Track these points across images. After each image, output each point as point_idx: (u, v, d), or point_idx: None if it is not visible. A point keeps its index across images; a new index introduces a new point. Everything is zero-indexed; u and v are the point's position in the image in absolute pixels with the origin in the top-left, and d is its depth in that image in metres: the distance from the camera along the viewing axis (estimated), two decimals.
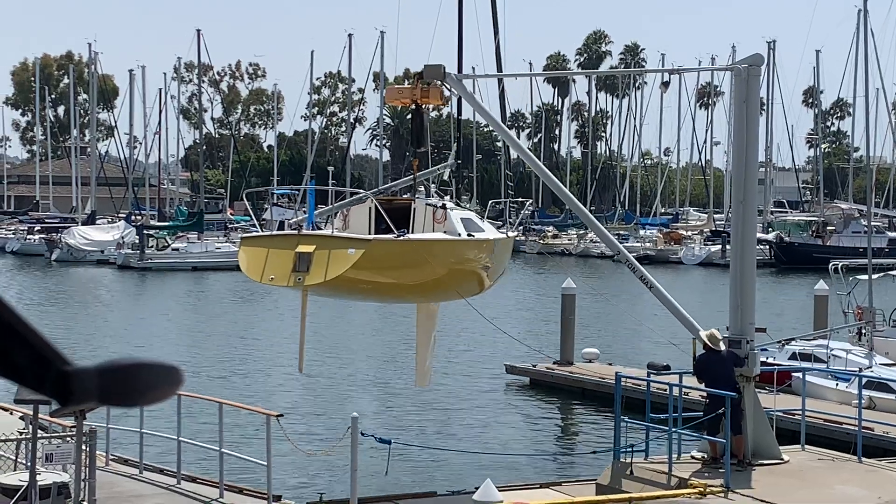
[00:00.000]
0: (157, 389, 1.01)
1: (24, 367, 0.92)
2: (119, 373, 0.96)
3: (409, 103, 19.44)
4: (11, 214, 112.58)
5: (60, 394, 0.94)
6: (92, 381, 0.94)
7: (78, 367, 0.95)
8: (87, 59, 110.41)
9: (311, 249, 16.66)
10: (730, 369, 18.26)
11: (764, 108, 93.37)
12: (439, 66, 19.30)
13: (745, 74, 18.96)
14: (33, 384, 0.94)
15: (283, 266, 16.77)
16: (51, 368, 0.93)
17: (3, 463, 15.49)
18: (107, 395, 0.96)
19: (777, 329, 33.54)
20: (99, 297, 61.88)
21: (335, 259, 16.70)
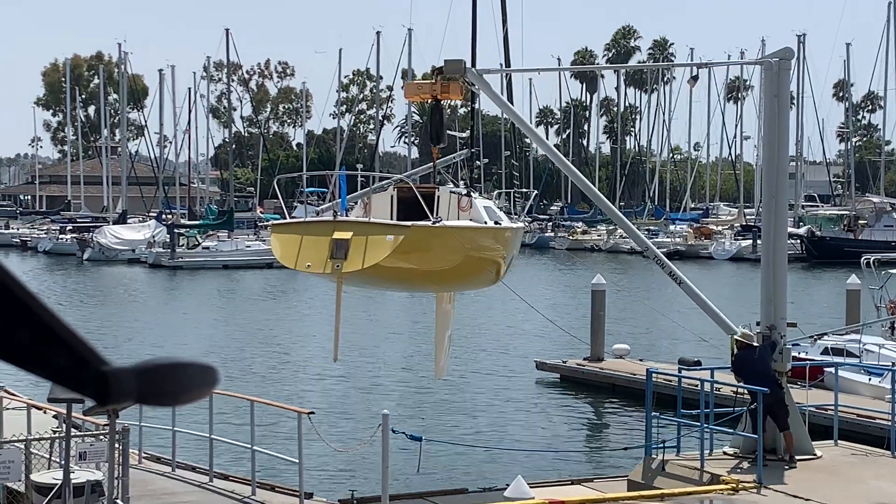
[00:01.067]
0: (194, 389, 1.02)
1: (65, 369, 0.94)
2: (156, 373, 0.98)
3: (430, 99, 19.25)
4: (43, 214, 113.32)
5: (99, 394, 0.95)
6: (130, 381, 0.95)
7: (116, 368, 0.96)
8: (117, 59, 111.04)
9: (348, 236, 16.37)
10: (768, 365, 18.20)
11: (794, 101, 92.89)
12: (460, 61, 19.13)
13: (776, 68, 18.87)
14: (73, 385, 0.95)
15: (318, 253, 16.47)
16: (89, 369, 0.94)
17: (38, 461, 15.59)
18: (144, 395, 0.97)
19: (809, 324, 33.35)
20: (131, 296, 62.19)
21: (373, 246, 16.42)
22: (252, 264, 79.03)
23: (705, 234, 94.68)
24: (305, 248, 16.70)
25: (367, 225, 16.92)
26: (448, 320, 21.70)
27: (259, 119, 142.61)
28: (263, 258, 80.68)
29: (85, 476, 13.83)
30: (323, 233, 16.59)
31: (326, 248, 16.36)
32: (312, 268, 16.63)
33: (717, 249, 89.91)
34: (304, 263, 16.70)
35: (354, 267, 16.29)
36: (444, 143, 20.09)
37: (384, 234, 16.66)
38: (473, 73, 19.16)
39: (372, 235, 16.55)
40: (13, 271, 0.99)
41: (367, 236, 16.48)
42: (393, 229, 16.82)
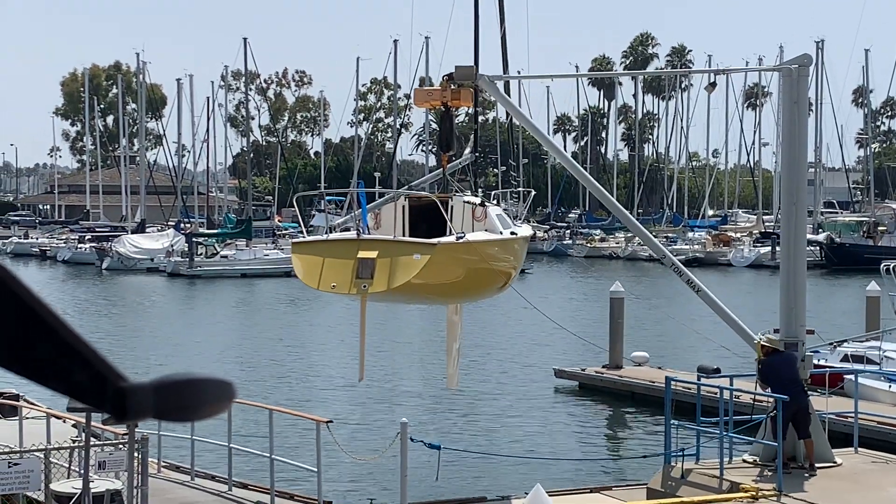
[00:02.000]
0: (211, 404, 1.03)
1: (83, 385, 0.95)
2: (174, 388, 0.98)
3: (439, 105, 18.82)
4: (62, 224, 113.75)
5: (117, 410, 0.96)
6: (148, 397, 0.96)
7: (134, 384, 0.97)
8: (135, 69, 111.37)
9: (373, 255, 15.96)
10: (797, 371, 18.14)
11: (813, 108, 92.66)
12: (471, 67, 18.83)
13: (796, 75, 18.82)
14: (92, 401, 0.95)
15: (343, 273, 16.06)
16: (107, 385, 0.95)
17: (57, 471, 15.64)
18: (162, 411, 0.98)
19: (828, 331, 33.25)
20: (149, 305, 62.38)
21: (400, 266, 16.01)
22: (270, 273, 79.15)
23: (724, 241, 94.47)
24: (329, 268, 16.25)
25: (393, 244, 16.48)
26: (456, 332, 21.57)
27: (277, 128, 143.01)
28: (281, 267, 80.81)
29: (104, 485, 13.87)
30: (346, 253, 16.16)
31: (351, 269, 15.97)
32: (338, 288, 16.16)
33: (736, 256, 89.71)
34: (328, 284, 16.24)
35: (381, 287, 15.90)
36: (454, 150, 19.84)
37: (410, 253, 16.20)
38: (485, 79, 18.83)
39: (399, 255, 16.11)
40: (31, 287, 1.00)
41: (394, 256, 16.05)
42: (420, 248, 16.35)
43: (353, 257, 16.05)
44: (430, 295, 18.40)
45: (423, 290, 17.14)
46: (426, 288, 17.05)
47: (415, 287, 16.47)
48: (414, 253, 16.21)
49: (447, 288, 17.79)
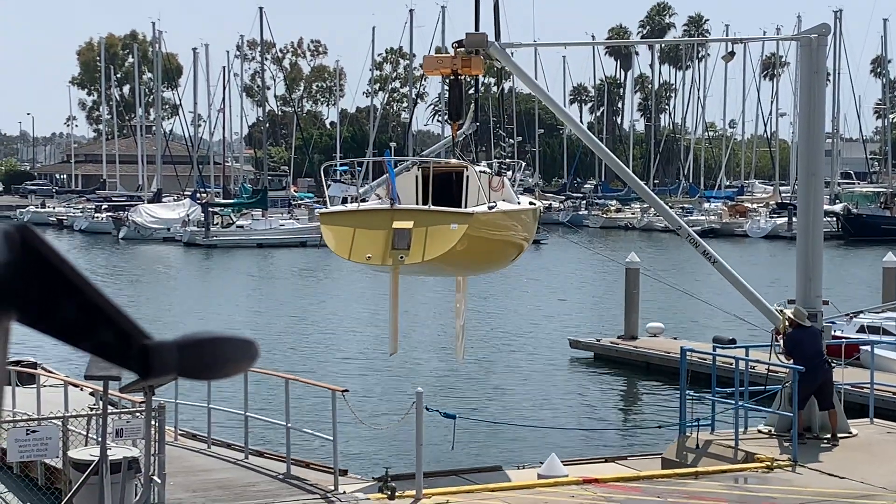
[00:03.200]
0: (235, 363, 1.04)
1: (108, 343, 0.96)
2: (198, 346, 0.99)
3: (449, 73, 18.34)
4: (79, 193, 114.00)
5: (142, 368, 0.97)
6: (172, 354, 0.97)
7: (158, 342, 0.98)
8: (151, 38, 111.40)
9: (409, 225, 15.63)
10: (820, 344, 18.15)
11: (830, 78, 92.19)
12: (482, 35, 18.35)
13: (815, 44, 18.72)
14: (117, 359, 0.97)
15: (377, 243, 15.69)
16: (132, 343, 0.96)
17: (75, 438, 15.74)
18: (186, 369, 0.99)
19: (845, 301, 33.17)
20: (166, 275, 62.57)
21: (437, 235, 15.68)
22: (286, 243, 79.30)
23: (740, 211, 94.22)
24: (362, 238, 15.84)
25: (428, 213, 16.13)
26: (463, 301, 21.42)
27: (292, 98, 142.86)
28: (297, 237, 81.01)
29: (122, 453, 13.95)
30: (380, 223, 15.81)
31: (386, 239, 15.61)
32: (374, 259, 15.78)
33: (752, 227, 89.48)
34: (362, 255, 15.84)
35: (418, 258, 15.56)
36: (463, 119, 19.51)
37: (447, 222, 15.86)
38: (496, 47, 18.32)
39: (435, 225, 15.74)
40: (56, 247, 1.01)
41: (429, 226, 15.69)
42: (456, 217, 16.06)
43: (388, 227, 15.70)
44: (457, 266, 17.90)
45: (454, 260, 16.71)
46: (457, 258, 16.62)
47: (447, 257, 16.10)
48: (451, 223, 15.91)
49: (474, 258, 17.39)
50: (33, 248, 0.96)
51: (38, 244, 0.96)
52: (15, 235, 0.96)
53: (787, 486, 16.01)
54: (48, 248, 0.97)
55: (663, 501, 15.19)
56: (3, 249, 0.95)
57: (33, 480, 17.15)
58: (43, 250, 0.96)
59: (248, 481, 16.92)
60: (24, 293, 0.95)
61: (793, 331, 17.98)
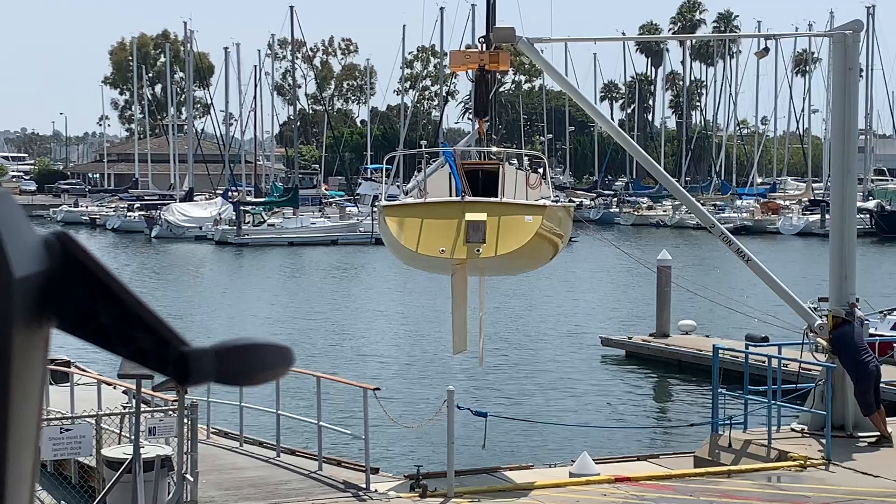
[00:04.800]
0: (271, 369, 1.05)
1: (146, 349, 0.98)
2: (234, 353, 1.01)
3: (476, 68, 17.99)
4: (112, 192, 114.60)
5: (180, 374, 0.99)
6: (209, 361, 0.99)
7: (196, 349, 0.99)
8: (182, 38, 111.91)
9: (482, 218, 15.20)
10: (864, 340, 18.10)
11: (863, 74, 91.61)
12: (510, 29, 17.96)
13: (849, 41, 18.61)
14: (155, 366, 0.98)
15: (449, 237, 15.25)
16: (170, 349, 0.98)
17: (108, 436, 15.84)
18: (223, 375, 1.00)
19: (879, 299, 32.97)
20: (198, 274, 62.84)
21: (513, 228, 15.27)
22: (317, 241, 79.47)
23: (772, 209, 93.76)
24: (432, 231, 15.42)
25: (501, 205, 15.78)
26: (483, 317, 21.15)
27: (323, 96, 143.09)
28: (328, 235, 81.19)
29: (154, 451, 14.03)
30: (451, 215, 15.40)
31: (457, 231, 15.19)
32: (448, 253, 15.34)
33: (785, 224, 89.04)
34: (433, 248, 15.41)
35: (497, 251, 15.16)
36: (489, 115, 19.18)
37: (521, 214, 15.50)
38: (525, 41, 17.91)
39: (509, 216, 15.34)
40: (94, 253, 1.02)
41: (502, 216, 15.27)
42: (529, 210, 15.71)
43: (460, 220, 15.29)
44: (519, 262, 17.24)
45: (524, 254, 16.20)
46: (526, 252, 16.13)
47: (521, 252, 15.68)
48: (525, 215, 15.55)
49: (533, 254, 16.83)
50: (73, 256, 0.97)
51: (77, 251, 0.98)
52: (55, 243, 0.97)
53: (820, 485, 15.93)
54: (88, 255, 0.98)
55: (695, 500, 15.14)
56: (43, 257, 0.97)
57: (67, 479, 17.27)
58: (82, 257, 0.98)
59: (279, 479, 16.98)
60: (64, 300, 0.97)
61: (840, 327, 17.86)
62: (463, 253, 15.39)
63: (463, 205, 15.67)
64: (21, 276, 0.93)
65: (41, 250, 0.97)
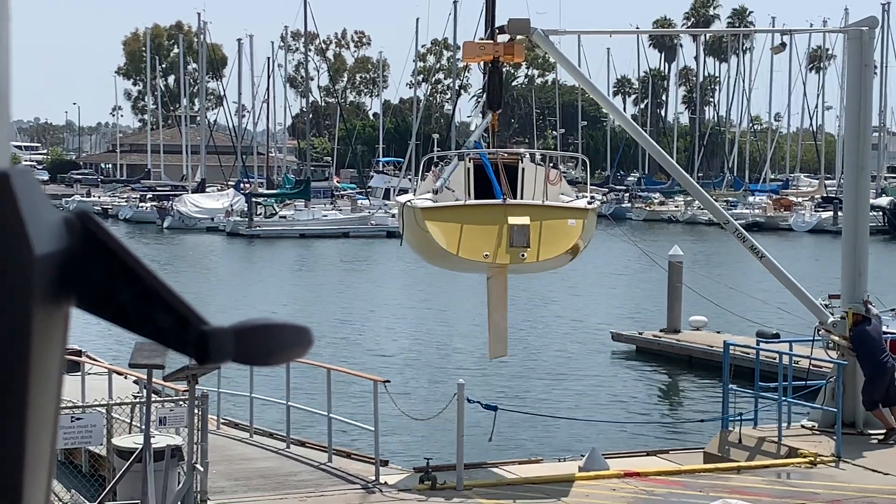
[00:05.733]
0: (289, 349, 1.05)
1: (166, 328, 0.98)
2: (254, 332, 1.01)
3: (490, 59, 17.65)
4: (124, 182, 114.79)
5: (200, 353, 0.99)
6: (229, 340, 0.99)
7: (215, 327, 0.99)
8: (196, 29, 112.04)
9: (526, 221, 14.97)
10: (882, 338, 18.09)
11: (878, 71, 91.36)
12: (525, 20, 17.72)
13: (865, 37, 18.54)
14: (175, 344, 0.98)
15: (491, 241, 14.98)
16: (190, 329, 0.98)
17: (119, 426, 15.88)
18: (242, 354, 1.01)
19: (891, 296, 32.87)
20: (210, 264, 62.95)
21: (557, 232, 15.07)
22: (328, 233, 79.52)
23: (785, 205, 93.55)
24: (474, 235, 15.12)
25: (543, 209, 15.50)
26: None
27: (336, 89, 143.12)
28: (340, 227, 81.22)
29: (165, 441, 14.06)
30: (494, 219, 15.15)
31: (502, 236, 14.94)
32: (492, 257, 15.08)
33: (797, 221, 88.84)
34: (477, 252, 15.12)
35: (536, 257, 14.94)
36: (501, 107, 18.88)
37: (565, 218, 15.27)
38: (539, 33, 17.72)
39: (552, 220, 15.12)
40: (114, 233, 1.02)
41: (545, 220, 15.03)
42: (572, 213, 15.49)
43: (503, 223, 15.07)
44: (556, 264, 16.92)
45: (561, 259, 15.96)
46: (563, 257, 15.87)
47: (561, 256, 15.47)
48: (569, 218, 15.34)
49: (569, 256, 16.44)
50: (93, 235, 0.98)
51: (97, 231, 0.98)
52: (75, 222, 0.97)
53: (830, 482, 15.91)
54: (108, 234, 0.98)
55: (705, 496, 15.13)
56: (63, 235, 0.97)
57: (77, 467, 17.32)
58: (102, 237, 0.98)
59: (289, 470, 17.01)
60: (84, 279, 0.97)
61: (860, 325, 17.82)
62: (507, 258, 15.18)
63: (505, 208, 15.39)
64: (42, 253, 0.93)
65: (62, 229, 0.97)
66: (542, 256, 15.31)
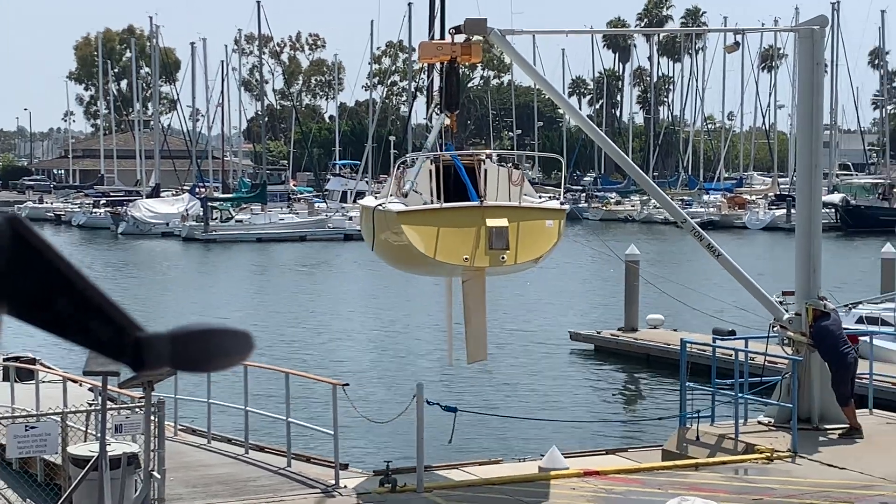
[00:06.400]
0: (230, 355, 1.02)
1: (102, 336, 0.94)
2: (191, 338, 0.98)
3: (447, 60, 17.51)
4: (77, 188, 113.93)
5: (136, 361, 0.96)
6: (165, 346, 0.96)
7: (151, 334, 0.96)
8: (148, 33, 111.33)
9: (504, 224, 14.84)
10: (843, 331, 18.20)
11: (828, 69, 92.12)
12: (483, 20, 17.59)
13: (817, 36, 18.67)
14: (110, 353, 0.95)
15: (469, 244, 14.84)
16: (125, 336, 0.95)
17: (74, 434, 15.73)
18: (179, 361, 0.97)
19: (844, 292, 33.17)
20: (165, 270, 62.54)
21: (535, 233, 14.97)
22: (285, 237, 79.26)
23: (739, 203, 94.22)
24: (451, 238, 14.95)
25: (520, 210, 15.38)
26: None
27: (291, 92, 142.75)
28: (297, 231, 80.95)
29: (121, 448, 13.93)
30: (471, 221, 15.00)
31: (480, 238, 14.81)
32: (472, 261, 14.93)
33: (751, 219, 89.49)
34: (456, 256, 14.94)
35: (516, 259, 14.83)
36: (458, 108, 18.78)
37: (542, 219, 15.16)
38: (497, 33, 17.67)
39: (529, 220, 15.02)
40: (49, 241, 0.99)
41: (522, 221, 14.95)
42: (549, 213, 15.38)
43: (480, 226, 14.94)
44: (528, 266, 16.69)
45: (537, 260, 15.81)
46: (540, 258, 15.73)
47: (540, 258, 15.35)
48: (546, 219, 15.23)
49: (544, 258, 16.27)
50: (24, 240, 0.94)
51: (28, 235, 0.94)
52: (4, 226, 0.93)
53: (787, 477, 16.01)
54: (39, 239, 0.95)
55: (664, 493, 15.17)
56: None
57: (33, 476, 17.14)
58: (34, 241, 0.94)
59: (247, 476, 16.91)
60: (14, 285, 0.93)
61: (819, 321, 17.91)
62: (486, 261, 15.06)
63: (482, 210, 15.24)
64: None
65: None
66: (519, 259, 15.20)
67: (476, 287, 15.91)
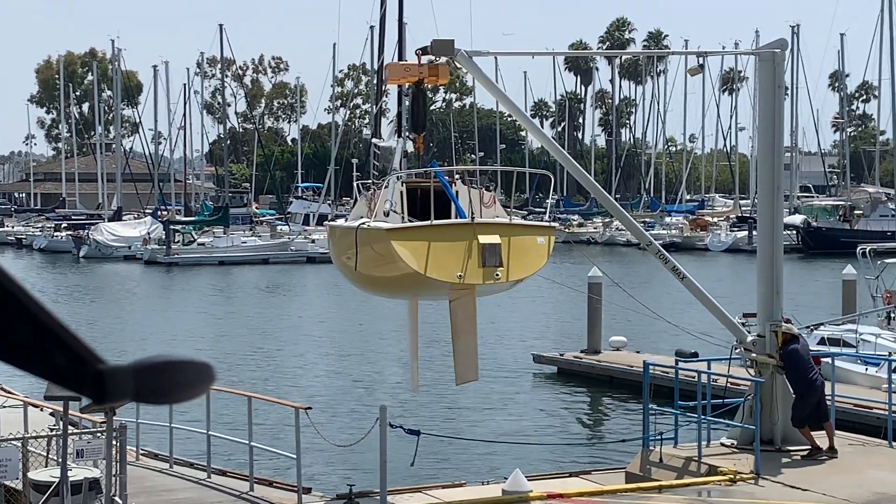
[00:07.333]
0: (190, 387, 1.01)
1: (61, 367, 0.93)
2: (153, 370, 0.97)
3: (415, 81, 17.57)
4: (38, 212, 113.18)
5: (96, 393, 0.95)
6: (126, 379, 0.95)
7: (112, 366, 0.96)
8: (110, 56, 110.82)
9: (496, 241, 14.84)
10: (810, 355, 18.30)
11: (788, 92, 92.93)
12: (450, 42, 17.64)
13: (776, 59, 18.83)
14: (70, 384, 0.94)
15: (463, 260, 14.76)
16: (86, 368, 0.94)
17: (35, 459, 15.57)
18: (141, 394, 0.97)
19: (805, 314, 33.36)
20: (127, 293, 62.15)
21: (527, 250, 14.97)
22: (248, 260, 79.01)
23: (701, 225, 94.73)
24: (443, 255, 14.85)
25: (512, 226, 15.40)
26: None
27: (254, 115, 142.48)
28: (259, 254, 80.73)
29: (82, 473, 13.82)
30: (462, 238, 14.94)
31: (470, 254, 14.74)
32: (466, 278, 14.83)
33: (713, 241, 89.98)
34: (449, 273, 14.83)
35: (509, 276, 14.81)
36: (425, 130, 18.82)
37: (534, 235, 15.19)
38: (464, 55, 17.67)
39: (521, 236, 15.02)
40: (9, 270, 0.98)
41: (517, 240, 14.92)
42: (540, 230, 15.42)
43: (472, 242, 14.89)
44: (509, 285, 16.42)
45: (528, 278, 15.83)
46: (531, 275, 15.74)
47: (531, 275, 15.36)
48: (537, 236, 15.24)
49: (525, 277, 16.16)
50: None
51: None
52: None
53: (750, 499, 16.06)
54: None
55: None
56: None
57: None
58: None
59: (210, 500, 16.80)
60: None
61: (788, 344, 17.98)
62: (479, 277, 14.95)
63: (474, 227, 15.18)
64: None
65: None
66: (511, 276, 15.13)
67: (466, 306, 15.76)
